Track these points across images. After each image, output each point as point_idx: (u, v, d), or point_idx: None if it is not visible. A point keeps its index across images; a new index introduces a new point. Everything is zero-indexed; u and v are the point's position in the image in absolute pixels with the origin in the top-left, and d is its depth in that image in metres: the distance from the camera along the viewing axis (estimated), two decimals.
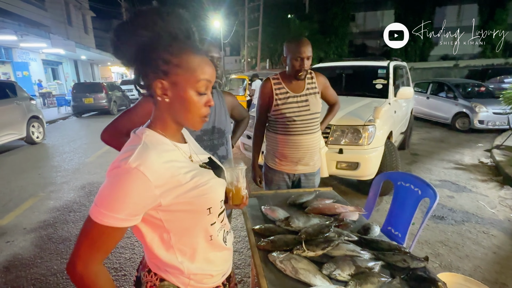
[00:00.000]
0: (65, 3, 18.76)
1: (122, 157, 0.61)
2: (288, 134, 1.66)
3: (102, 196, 0.60)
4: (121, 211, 0.59)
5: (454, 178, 3.90)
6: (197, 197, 0.67)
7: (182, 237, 0.70)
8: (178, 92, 0.65)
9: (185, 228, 0.70)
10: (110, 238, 0.62)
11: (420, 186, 1.61)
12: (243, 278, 2.05)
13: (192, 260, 0.72)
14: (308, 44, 1.58)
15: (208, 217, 0.72)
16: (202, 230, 0.72)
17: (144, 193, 0.60)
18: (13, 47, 12.90)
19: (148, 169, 0.60)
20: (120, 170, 0.59)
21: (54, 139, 7.03)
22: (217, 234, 0.75)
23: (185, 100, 0.65)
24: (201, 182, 0.69)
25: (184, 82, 0.64)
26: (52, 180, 4.11)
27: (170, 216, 0.67)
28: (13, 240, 2.59)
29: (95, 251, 0.61)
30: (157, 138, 0.67)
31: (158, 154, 0.63)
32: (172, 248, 0.70)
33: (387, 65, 3.92)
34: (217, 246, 0.76)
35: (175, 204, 0.65)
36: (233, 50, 34.27)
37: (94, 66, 22.45)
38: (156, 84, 0.64)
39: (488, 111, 6.57)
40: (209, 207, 0.71)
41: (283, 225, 1.22)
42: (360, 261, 0.97)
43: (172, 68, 0.63)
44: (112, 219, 0.59)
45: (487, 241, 2.44)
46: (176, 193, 0.64)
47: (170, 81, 0.64)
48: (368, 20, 24.08)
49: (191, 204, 0.67)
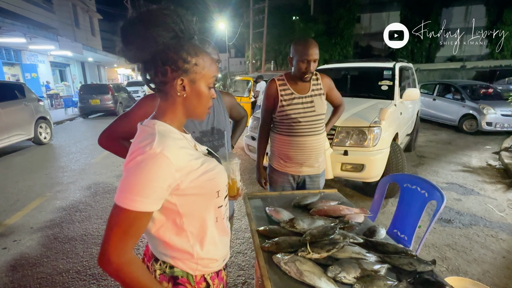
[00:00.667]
0: (72, 6, 19.05)
1: (144, 144, 0.65)
2: (293, 135, 1.65)
3: (129, 182, 0.62)
4: (150, 195, 0.62)
5: (461, 181, 3.84)
6: (208, 181, 0.73)
7: (193, 220, 0.74)
8: (196, 88, 0.72)
9: (197, 211, 0.74)
10: (141, 223, 0.64)
11: (427, 189, 1.59)
12: (247, 279, 2.04)
13: (202, 243, 0.76)
14: (316, 47, 1.57)
15: (217, 200, 0.78)
16: (211, 212, 0.78)
17: (169, 176, 0.65)
18: (22, 49, 13.14)
19: (170, 153, 0.65)
20: (146, 156, 0.63)
21: (61, 139, 7.13)
22: (222, 216, 0.82)
23: (201, 94, 0.73)
24: (210, 167, 0.75)
25: (202, 79, 0.72)
26: (59, 180, 4.16)
27: (184, 200, 0.71)
28: (20, 239, 2.62)
29: (128, 238, 0.63)
30: (168, 128, 0.72)
31: (173, 141, 0.69)
32: (185, 231, 0.73)
33: (393, 67, 3.89)
34: (222, 230, 0.82)
35: (189, 188, 0.70)
36: (238, 52, 34.41)
37: (100, 68, 22.72)
38: (177, 82, 0.69)
39: (496, 113, 6.47)
40: (218, 190, 0.77)
41: (287, 226, 1.21)
42: (366, 263, 0.96)
43: (192, 66, 0.69)
44: (142, 204, 0.62)
45: (496, 245, 2.39)
46: (191, 177, 0.69)
47: (189, 79, 0.70)
48: (374, 22, 23.91)
49: (203, 187, 0.72)
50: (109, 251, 0.62)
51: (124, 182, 0.63)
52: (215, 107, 1.29)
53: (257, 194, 1.65)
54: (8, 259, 2.33)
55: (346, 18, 20.28)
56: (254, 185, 3.78)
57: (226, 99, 1.39)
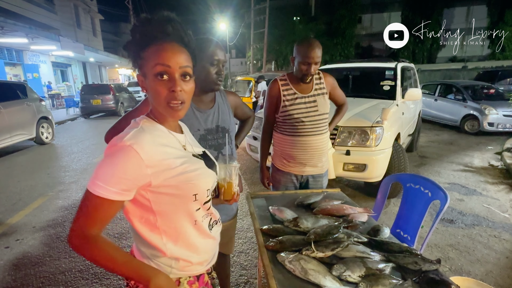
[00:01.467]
0: (74, 6, 19.11)
1: (119, 137, 0.67)
2: (296, 135, 1.65)
3: (98, 170, 0.65)
4: (115, 185, 0.63)
5: (463, 181, 3.83)
6: (184, 183, 0.72)
7: (167, 219, 0.73)
8: (147, 81, 0.71)
9: (171, 211, 0.73)
10: (104, 210, 0.66)
11: (430, 188, 1.58)
12: (249, 279, 2.04)
13: (176, 242, 0.75)
14: (318, 48, 1.55)
15: (194, 203, 0.76)
16: (187, 215, 0.76)
17: (137, 169, 0.65)
18: (24, 49, 13.18)
19: (141, 148, 0.65)
20: (115, 147, 0.65)
21: (63, 139, 7.14)
22: (201, 220, 0.79)
23: (150, 87, 0.70)
24: (190, 169, 0.73)
25: (147, 71, 0.70)
26: (61, 179, 4.17)
27: (158, 198, 0.70)
28: (22, 239, 2.62)
29: (92, 221, 0.65)
30: (153, 125, 0.73)
31: (152, 138, 0.69)
32: (158, 229, 0.73)
33: (395, 67, 3.89)
34: (202, 232, 0.80)
35: (163, 187, 0.69)
36: (239, 52, 34.41)
37: (102, 68, 22.77)
38: (138, 78, 0.73)
39: (498, 113, 6.46)
40: (195, 193, 0.74)
41: (291, 225, 1.21)
42: (371, 262, 0.96)
43: (141, 61, 0.70)
44: (106, 191, 0.63)
45: (499, 246, 2.38)
46: (166, 175, 0.69)
47: (142, 73, 0.71)
48: (375, 22, 23.87)
49: (178, 188, 0.71)
50: (74, 228, 0.65)
51: (97, 168, 0.65)
52: (220, 105, 1.29)
53: (260, 193, 1.65)
54: (10, 258, 2.34)
55: (347, 18, 20.25)
56: (256, 185, 3.77)
57: (230, 98, 1.39)
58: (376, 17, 23.71)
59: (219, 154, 1.25)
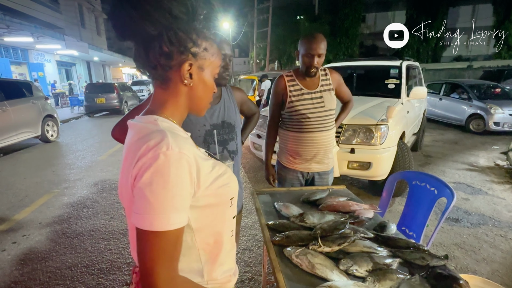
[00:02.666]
0: (78, 5, 19.23)
1: (158, 145, 0.51)
2: (302, 131, 1.65)
3: (158, 198, 0.50)
4: (182, 205, 0.53)
5: (469, 181, 3.80)
6: (222, 187, 0.62)
7: (207, 235, 0.63)
8: (203, 76, 0.62)
9: (213, 224, 0.64)
10: (180, 240, 0.55)
11: (436, 186, 1.58)
12: (254, 276, 2.04)
13: (215, 262, 0.65)
14: (322, 41, 1.55)
15: (230, 209, 0.68)
16: (226, 225, 0.67)
17: (190, 178, 0.54)
18: (29, 48, 13.31)
19: (188, 153, 0.54)
20: (165, 159, 0.50)
21: (68, 137, 7.20)
22: (234, 228, 0.71)
23: (207, 84, 0.64)
24: (221, 171, 0.64)
25: (209, 67, 0.63)
26: (66, 177, 4.20)
27: (198, 213, 0.60)
28: (29, 234, 2.65)
29: (175, 262, 0.54)
30: (172, 125, 0.61)
31: (183, 139, 0.57)
32: (196, 249, 0.63)
33: (400, 65, 3.86)
34: (233, 242, 0.72)
35: (204, 197, 0.59)
36: (242, 52, 34.41)
37: (106, 67, 22.92)
38: (184, 66, 0.58)
39: (504, 113, 6.39)
40: (232, 197, 0.67)
41: (297, 221, 1.21)
42: (378, 257, 0.96)
43: (201, 51, 0.60)
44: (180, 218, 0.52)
45: (505, 245, 2.36)
46: (205, 182, 0.58)
47: (197, 65, 0.61)
48: (379, 21, 23.74)
49: (217, 195, 0.62)
50: (160, 282, 0.50)
51: (150, 198, 0.50)
52: (226, 101, 1.29)
53: (265, 190, 1.65)
54: (18, 253, 2.37)
55: (351, 17, 20.16)
56: (260, 182, 3.78)
57: (237, 94, 1.39)
58: (380, 16, 23.58)
59: (224, 150, 1.26)
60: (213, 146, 1.19)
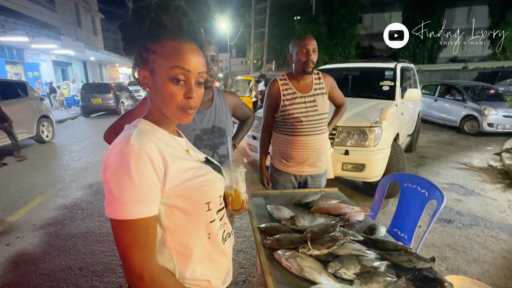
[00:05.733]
0: (75, 5, 19.09)
1: (122, 142, 0.57)
2: (295, 134, 1.66)
3: (116, 190, 0.54)
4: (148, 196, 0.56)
5: (462, 182, 3.84)
6: (195, 189, 0.63)
7: (178, 236, 0.64)
8: (155, 80, 0.61)
9: (182, 226, 0.64)
10: (152, 230, 0.58)
11: (427, 188, 1.60)
12: (248, 277, 2.05)
13: (187, 263, 0.66)
14: (313, 38, 1.60)
15: (208, 213, 0.67)
16: (201, 228, 0.67)
17: (156, 172, 0.57)
18: (25, 48, 13.18)
19: (151, 150, 0.57)
20: (124, 154, 0.55)
21: (63, 138, 7.16)
22: (216, 233, 0.70)
23: (160, 88, 0.61)
24: (199, 173, 0.66)
25: (159, 69, 0.60)
26: (61, 178, 4.18)
27: (168, 211, 0.62)
28: (22, 236, 2.64)
29: (149, 249, 0.58)
30: (152, 127, 0.65)
31: (156, 139, 0.61)
32: (167, 248, 0.64)
33: (394, 67, 3.89)
34: (216, 248, 0.71)
35: (174, 197, 0.61)
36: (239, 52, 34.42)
37: (102, 67, 22.78)
38: (139, 72, 0.63)
39: (498, 114, 6.46)
40: (208, 201, 0.67)
41: (288, 224, 1.22)
42: (366, 260, 0.97)
43: (150, 55, 0.61)
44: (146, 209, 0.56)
45: (496, 246, 2.40)
46: (175, 180, 0.60)
47: (149, 69, 0.61)
48: (376, 22, 23.85)
49: (189, 198, 0.63)
50: (136, 267, 0.56)
51: (114, 191, 0.54)
52: (217, 105, 1.30)
53: (258, 192, 1.67)
54: (11, 255, 2.36)
55: (347, 18, 20.22)
56: (255, 184, 3.79)
57: (229, 98, 1.40)
58: (377, 17, 23.68)
59: (214, 154, 1.26)
60: (203, 150, 1.20)
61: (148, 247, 0.58)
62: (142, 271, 0.56)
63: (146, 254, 0.57)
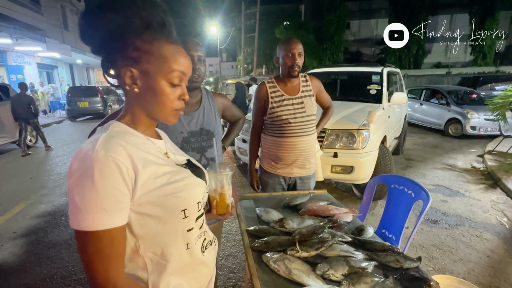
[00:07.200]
0: (61, 7, 18.75)
1: (87, 148, 0.53)
2: (284, 136, 1.67)
3: (79, 199, 0.51)
4: (114, 205, 0.52)
5: (447, 183, 3.94)
6: (169, 196, 0.60)
7: (152, 245, 0.61)
8: (148, 81, 0.60)
9: (157, 235, 0.61)
10: (119, 240, 0.55)
11: (413, 189, 1.62)
12: (237, 282, 2.02)
13: (161, 274, 0.62)
14: (299, 42, 1.62)
15: (184, 221, 0.64)
16: (177, 238, 0.64)
17: (123, 180, 0.53)
18: (8, 50, 12.78)
19: (118, 156, 0.53)
20: (89, 160, 0.51)
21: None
22: (194, 242, 0.67)
23: (156, 90, 0.60)
24: (174, 179, 0.62)
25: (156, 71, 0.59)
26: (44, 184, 4.04)
27: (139, 218, 0.58)
28: (2, 245, 2.53)
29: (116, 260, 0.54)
30: (125, 129, 0.62)
31: (126, 144, 0.57)
32: (141, 257, 0.61)
33: (381, 71, 3.98)
34: (195, 258, 0.68)
35: (146, 204, 0.58)
36: (230, 56, 34.54)
37: (89, 70, 22.36)
38: (125, 72, 0.59)
39: (480, 118, 6.68)
40: (184, 208, 0.63)
41: (277, 226, 1.21)
42: (354, 261, 0.97)
43: (142, 55, 0.59)
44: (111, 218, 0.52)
45: (481, 245, 2.46)
46: (147, 187, 0.57)
47: (140, 70, 0.59)
48: (363, 28, 24.48)
49: (163, 205, 0.59)
50: (100, 279, 0.52)
51: (76, 199, 0.51)
52: (205, 107, 1.28)
53: (248, 195, 1.65)
54: None
55: (336, 24, 20.63)
56: (244, 188, 3.77)
57: (218, 100, 1.38)
58: (364, 23, 24.31)
59: (202, 157, 1.24)
60: (191, 153, 1.18)
61: (114, 258, 0.54)
62: (107, 284, 0.53)
63: (111, 266, 0.53)
